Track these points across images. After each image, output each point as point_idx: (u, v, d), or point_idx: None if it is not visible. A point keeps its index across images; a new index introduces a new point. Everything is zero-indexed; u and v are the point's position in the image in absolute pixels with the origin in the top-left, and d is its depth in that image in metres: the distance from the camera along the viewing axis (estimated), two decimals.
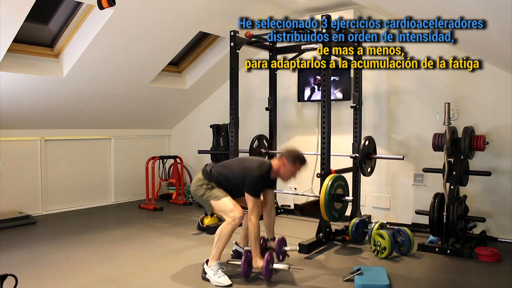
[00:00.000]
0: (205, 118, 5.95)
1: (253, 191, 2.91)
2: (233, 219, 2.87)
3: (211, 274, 2.86)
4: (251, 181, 2.91)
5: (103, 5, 2.77)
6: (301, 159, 2.99)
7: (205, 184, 3.02)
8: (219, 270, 2.87)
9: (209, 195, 2.99)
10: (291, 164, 2.95)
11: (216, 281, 2.83)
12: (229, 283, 2.81)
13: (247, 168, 2.96)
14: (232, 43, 4.23)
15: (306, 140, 5.10)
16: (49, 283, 2.89)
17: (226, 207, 2.92)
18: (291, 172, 2.98)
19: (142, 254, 3.47)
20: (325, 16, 3.55)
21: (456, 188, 3.61)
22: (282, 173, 3.00)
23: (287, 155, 2.97)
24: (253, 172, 2.92)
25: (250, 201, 2.90)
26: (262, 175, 2.94)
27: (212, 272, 2.86)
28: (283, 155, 2.99)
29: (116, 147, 5.72)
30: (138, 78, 4.89)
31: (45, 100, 4.48)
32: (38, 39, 4.18)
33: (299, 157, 2.99)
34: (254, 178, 2.91)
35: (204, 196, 3.01)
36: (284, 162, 2.96)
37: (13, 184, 4.70)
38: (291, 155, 2.97)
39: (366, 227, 3.87)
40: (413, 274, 3.10)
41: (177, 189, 5.77)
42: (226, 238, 2.90)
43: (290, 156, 2.95)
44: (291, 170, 2.97)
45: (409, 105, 4.41)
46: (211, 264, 2.90)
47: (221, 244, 2.91)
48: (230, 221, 2.88)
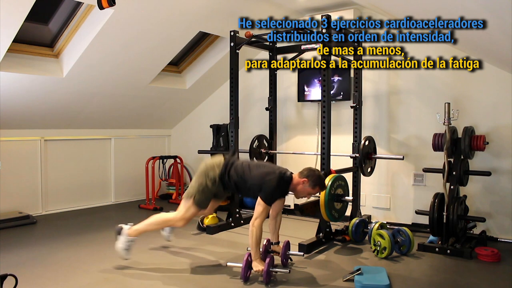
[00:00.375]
0: (205, 118, 5.95)
1: (268, 199, 2.91)
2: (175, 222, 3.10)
3: (123, 241, 3.14)
4: (268, 189, 2.91)
5: (103, 5, 2.77)
6: (322, 185, 3.00)
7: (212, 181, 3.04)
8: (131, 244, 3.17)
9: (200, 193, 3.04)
10: (311, 187, 2.96)
11: (121, 251, 3.15)
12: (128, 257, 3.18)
13: (267, 174, 2.96)
14: (232, 43, 4.24)
15: (306, 140, 5.10)
16: (49, 283, 2.89)
17: (186, 212, 3.06)
18: (307, 193, 3.00)
19: (142, 254, 3.47)
20: (325, 16, 3.55)
21: (456, 188, 3.61)
22: (298, 190, 3.00)
23: (310, 178, 2.96)
24: (273, 181, 2.92)
25: (260, 206, 2.90)
26: (280, 186, 2.94)
27: (125, 241, 3.14)
28: (307, 175, 2.97)
29: (116, 147, 5.72)
30: (138, 78, 4.89)
31: (45, 100, 4.48)
32: (38, 39, 4.18)
33: (321, 183, 2.99)
34: (272, 186, 2.91)
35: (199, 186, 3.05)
36: (305, 182, 2.96)
37: (13, 184, 4.70)
38: (315, 179, 2.96)
39: (366, 227, 3.87)
40: (413, 274, 3.10)
41: (177, 189, 5.77)
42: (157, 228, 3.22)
43: (313, 180, 2.95)
44: (309, 191, 2.98)
45: (409, 105, 4.41)
46: (131, 235, 3.15)
47: (151, 229, 3.18)
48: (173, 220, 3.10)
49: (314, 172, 3.01)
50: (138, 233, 3.18)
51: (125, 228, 3.19)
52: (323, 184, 3.03)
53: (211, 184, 3.06)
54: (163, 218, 3.19)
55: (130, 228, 3.18)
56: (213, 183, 3.06)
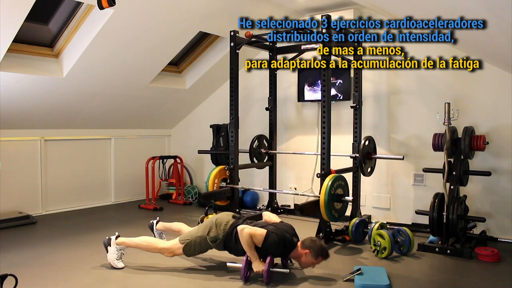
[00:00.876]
0: (205, 118, 5.95)
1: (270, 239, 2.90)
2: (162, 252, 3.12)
3: (113, 251, 3.13)
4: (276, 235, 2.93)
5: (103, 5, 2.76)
6: (324, 255, 2.96)
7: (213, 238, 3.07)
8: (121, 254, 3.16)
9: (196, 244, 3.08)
10: (313, 258, 2.94)
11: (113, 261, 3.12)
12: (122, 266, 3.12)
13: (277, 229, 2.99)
14: (232, 43, 4.24)
15: (306, 140, 5.10)
16: (49, 283, 2.89)
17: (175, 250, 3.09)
18: (311, 263, 2.98)
19: (142, 254, 3.46)
20: (325, 16, 3.55)
21: (456, 188, 3.61)
22: (302, 261, 2.99)
23: (312, 249, 2.93)
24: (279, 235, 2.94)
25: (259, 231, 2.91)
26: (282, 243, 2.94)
27: (115, 250, 3.13)
28: (308, 247, 2.94)
29: (116, 147, 5.72)
30: (138, 78, 4.89)
31: (45, 100, 4.48)
32: (38, 39, 4.18)
33: (323, 253, 2.95)
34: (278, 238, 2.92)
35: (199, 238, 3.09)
36: (307, 253, 2.94)
37: (13, 184, 4.70)
38: (316, 250, 2.93)
39: (366, 227, 3.87)
40: (413, 274, 3.10)
41: (177, 189, 5.77)
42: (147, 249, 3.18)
43: (314, 251, 2.92)
44: (312, 262, 2.96)
45: (409, 105, 4.41)
46: (120, 243, 3.14)
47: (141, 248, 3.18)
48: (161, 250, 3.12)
49: (315, 242, 2.95)
50: (126, 245, 3.18)
51: (113, 238, 3.18)
52: (325, 254, 2.95)
53: (211, 242, 3.07)
54: (154, 243, 3.18)
55: (119, 238, 3.18)
56: (213, 241, 3.07)
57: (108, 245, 3.16)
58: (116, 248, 3.14)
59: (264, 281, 2.84)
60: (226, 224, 3.10)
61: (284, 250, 2.97)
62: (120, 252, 3.15)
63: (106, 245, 3.17)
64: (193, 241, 3.08)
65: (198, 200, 5.71)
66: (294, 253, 2.99)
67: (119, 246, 3.15)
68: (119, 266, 3.11)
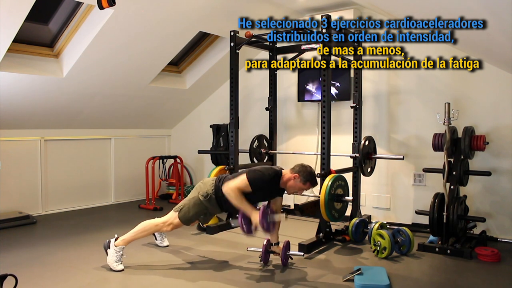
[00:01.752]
0: (205, 118, 5.95)
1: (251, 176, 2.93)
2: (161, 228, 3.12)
3: (112, 253, 3.08)
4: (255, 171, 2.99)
5: (103, 5, 2.77)
6: (312, 181, 3.01)
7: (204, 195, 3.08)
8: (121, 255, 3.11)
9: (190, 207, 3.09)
10: (302, 183, 2.98)
11: (112, 264, 3.07)
12: (121, 268, 3.07)
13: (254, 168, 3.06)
14: (232, 43, 4.24)
15: (306, 140, 5.10)
16: (49, 283, 2.89)
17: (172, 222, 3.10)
18: (298, 188, 3.02)
19: (142, 254, 3.47)
20: (325, 16, 3.55)
21: (456, 188, 3.61)
22: (290, 185, 3.02)
23: (301, 174, 2.98)
24: (260, 169, 3.01)
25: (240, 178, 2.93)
26: (265, 176, 2.97)
27: (114, 253, 3.08)
28: (298, 171, 2.99)
29: (116, 147, 5.72)
30: (138, 78, 4.89)
31: (45, 100, 4.48)
32: (38, 39, 4.18)
33: (312, 179, 3.00)
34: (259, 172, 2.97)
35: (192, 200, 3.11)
36: (296, 178, 2.98)
37: (13, 184, 4.70)
38: (306, 174, 2.98)
39: (366, 227, 3.87)
40: (413, 274, 3.10)
41: (177, 189, 5.77)
42: (146, 234, 3.17)
43: (303, 175, 2.97)
44: (300, 187, 3.00)
45: (409, 105, 4.41)
46: (118, 245, 3.10)
47: (140, 236, 3.15)
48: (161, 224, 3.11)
49: (305, 168, 3.02)
50: (126, 242, 3.14)
51: (112, 240, 3.15)
52: (314, 180, 3.03)
53: (203, 198, 3.09)
54: (151, 223, 3.18)
55: (117, 239, 3.15)
56: (205, 196, 3.09)
57: (107, 247, 3.14)
58: (115, 250, 3.11)
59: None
60: (213, 181, 3.13)
61: (273, 180, 2.99)
62: (119, 254, 3.11)
63: (106, 248, 3.15)
64: (187, 205, 3.10)
65: None
66: (282, 179, 3.02)
67: (117, 248, 3.11)
68: (117, 269, 3.07)
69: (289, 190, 3.07)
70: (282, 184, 3.06)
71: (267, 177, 2.99)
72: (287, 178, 3.02)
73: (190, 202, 3.12)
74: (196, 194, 3.12)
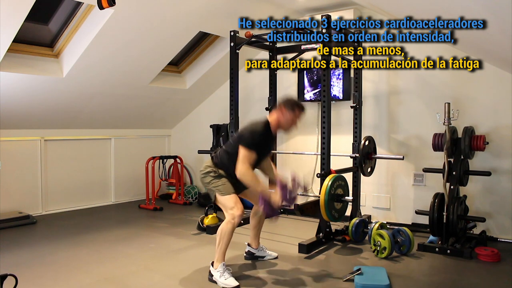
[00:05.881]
0: (205, 118, 5.95)
1: (248, 142, 2.77)
2: (232, 218, 2.82)
3: (218, 276, 2.83)
4: (246, 134, 2.83)
5: (103, 5, 2.77)
6: (299, 105, 2.91)
7: (213, 172, 2.97)
8: (226, 272, 2.83)
9: (215, 186, 2.95)
10: (290, 111, 2.87)
11: (223, 283, 2.79)
12: (236, 284, 2.78)
13: (241, 131, 2.91)
14: (232, 43, 4.24)
15: (306, 140, 5.10)
16: (49, 283, 2.89)
17: (228, 203, 2.88)
18: (291, 119, 2.90)
19: (142, 254, 3.47)
20: (325, 16, 3.55)
21: (456, 188, 3.61)
22: (282, 123, 2.91)
23: (284, 103, 2.89)
24: (247, 128, 2.86)
25: (241, 153, 2.75)
26: (257, 130, 2.84)
27: (219, 274, 2.83)
28: (280, 104, 2.90)
29: (116, 147, 5.72)
30: (138, 78, 4.89)
31: (45, 100, 4.48)
32: (38, 39, 4.18)
33: (297, 103, 2.91)
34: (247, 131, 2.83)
35: (210, 184, 2.98)
36: (282, 110, 2.87)
37: (13, 184, 4.70)
38: (288, 102, 2.88)
39: (366, 227, 3.87)
40: (413, 274, 3.10)
41: (177, 189, 5.77)
42: (228, 238, 2.86)
43: (287, 104, 2.87)
44: (291, 117, 2.89)
45: (409, 105, 4.41)
46: (216, 266, 2.88)
47: (224, 244, 2.87)
48: (229, 220, 2.84)
49: (285, 98, 2.94)
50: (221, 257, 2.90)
51: (211, 269, 2.93)
52: (300, 104, 2.91)
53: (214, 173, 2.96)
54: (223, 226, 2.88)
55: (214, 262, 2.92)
56: (215, 171, 2.97)
57: (211, 278, 2.91)
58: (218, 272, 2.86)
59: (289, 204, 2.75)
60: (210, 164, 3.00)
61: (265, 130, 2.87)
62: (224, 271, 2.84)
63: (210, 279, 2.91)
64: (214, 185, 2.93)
65: (198, 200, 5.71)
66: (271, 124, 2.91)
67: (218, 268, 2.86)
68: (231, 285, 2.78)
69: (284, 127, 2.92)
70: (273, 128, 2.93)
71: (259, 131, 2.85)
72: (275, 118, 2.91)
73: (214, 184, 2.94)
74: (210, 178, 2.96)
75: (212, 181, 2.97)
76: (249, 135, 2.83)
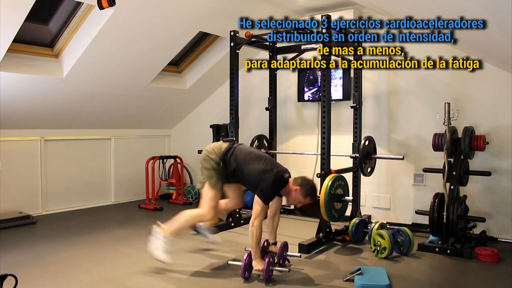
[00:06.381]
0: (205, 118, 5.95)
1: (265, 197, 2.92)
2: (204, 215, 3.08)
3: (160, 244, 3.02)
4: (265, 188, 2.91)
5: (103, 5, 2.76)
6: (313, 196, 2.99)
7: (215, 162, 3.05)
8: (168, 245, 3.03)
9: (210, 175, 3.05)
10: (303, 196, 2.96)
11: (160, 255, 3.00)
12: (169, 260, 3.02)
13: (265, 172, 2.94)
14: (232, 43, 4.24)
15: (306, 140, 5.10)
16: (49, 283, 2.89)
17: (210, 201, 3.05)
18: (298, 201, 3.00)
19: (142, 254, 3.46)
20: (325, 16, 3.56)
21: (456, 188, 3.61)
22: (291, 196, 3.00)
23: (303, 187, 2.95)
24: (269, 179, 2.91)
25: (258, 206, 2.90)
26: (277, 186, 2.95)
27: (163, 243, 3.02)
28: (301, 184, 2.96)
29: (116, 147, 5.72)
30: (138, 78, 4.89)
31: (45, 100, 4.48)
32: (38, 39, 4.18)
33: (313, 193, 2.98)
34: (269, 185, 2.91)
35: (207, 171, 3.07)
36: (297, 190, 2.96)
37: (13, 184, 4.70)
38: (307, 188, 2.96)
39: (366, 227, 3.87)
40: (413, 274, 3.10)
41: (177, 189, 5.77)
42: (188, 225, 3.17)
43: (306, 189, 2.95)
44: (299, 200, 2.98)
45: (409, 105, 4.41)
46: (167, 235, 3.05)
47: (183, 226, 3.13)
48: (200, 214, 3.08)
49: (308, 182, 2.99)
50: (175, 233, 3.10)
51: (158, 229, 3.08)
52: (314, 195, 3.01)
53: (216, 164, 3.06)
54: (193, 213, 3.14)
55: (164, 228, 3.08)
56: (217, 163, 3.07)
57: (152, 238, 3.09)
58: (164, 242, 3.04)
59: (264, 279, 2.84)
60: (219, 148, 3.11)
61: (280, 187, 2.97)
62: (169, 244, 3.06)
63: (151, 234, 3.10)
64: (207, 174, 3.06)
65: (198, 200, 5.71)
66: (285, 189, 3.00)
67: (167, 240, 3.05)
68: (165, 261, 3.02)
69: (288, 200, 3.05)
70: (283, 191, 3.03)
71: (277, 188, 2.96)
72: (289, 188, 2.99)
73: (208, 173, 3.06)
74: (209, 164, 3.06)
75: (210, 169, 3.06)
76: (269, 189, 2.92)
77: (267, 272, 2.84)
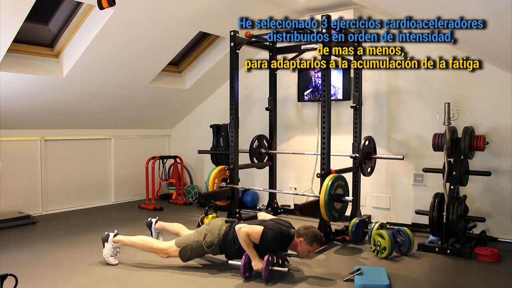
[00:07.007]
0: (205, 118, 5.95)
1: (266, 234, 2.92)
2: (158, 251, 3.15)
3: (109, 248, 3.20)
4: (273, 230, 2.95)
5: (103, 5, 2.76)
6: (318, 240, 2.99)
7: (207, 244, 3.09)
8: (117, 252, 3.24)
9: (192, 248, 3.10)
10: (309, 245, 2.96)
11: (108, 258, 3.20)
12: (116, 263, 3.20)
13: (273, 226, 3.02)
14: (232, 43, 4.24)
15: (306, 140, 5.10)
16: (49, 283, 2.89)
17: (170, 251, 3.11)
18: (307, 251, 2.99)
19: (142, 254, 3.46)
20: (325, 16, 3.56)
21: (456, 188, 3.61)
22: (299, 251, 3.01)
23: (305, 237, 2.96)
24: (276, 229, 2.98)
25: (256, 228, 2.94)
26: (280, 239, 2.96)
27: (111, 247, 3.20)
28: (302, 235, 2.97)
29: (116, 147, 5.72)
30: (138, 78, 4.89)
31: (45, 100, 4.48)
32: (38, 39, 4.18)
33: (317, 239, 2.98)
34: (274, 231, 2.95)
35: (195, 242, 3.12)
36: (301, 241, 2.97)
37: (13, 184, 4.70)
38: (310, 236, 2.96)
39: (366, 227, 3.87)
40: (413, 274, 3.10)
41: (177, 189, 5.77)
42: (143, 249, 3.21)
43: (308, 238, 2.95)
44: (308, 249, 2.98)
45: (409, 105, 4.41)
46: (116, 241, 3.21)
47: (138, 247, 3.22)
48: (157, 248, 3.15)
49: (308, 230, 2.98)
50: (123, 243, 3.25)
51: (111, 235, 3.25)
52: (320, 239, 2.99)
53: (206, 247, 3.10)
54: (150, 244, 3.21)
55: (116, 235, 3.26)
56: (208, 246, 3.10)
57: (105, 241, 3.24)
58: (112, 246, 3.21)
59: (264, 279, 2.84)
60: (220, 229, 3.13)
61: (282, 244, 2.99)
62: (115, 249, 3.23)
63: (104, 240, 3.24)
64: (189, 246, 3.10)
65: (198, 200, 5.72)
66: (291, 243, 3.01)
67: (115, 244, 3.22)
68: (112, 263, 3.19)
69: (300, 255, 3.04)
70: (291, 248, 3.04)
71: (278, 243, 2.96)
72: (294, 243, 3.00)
73: (193, 245, 3.09)
74: (201, 240, 3.10)
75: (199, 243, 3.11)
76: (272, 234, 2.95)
77: (267, 272, 2.84)
